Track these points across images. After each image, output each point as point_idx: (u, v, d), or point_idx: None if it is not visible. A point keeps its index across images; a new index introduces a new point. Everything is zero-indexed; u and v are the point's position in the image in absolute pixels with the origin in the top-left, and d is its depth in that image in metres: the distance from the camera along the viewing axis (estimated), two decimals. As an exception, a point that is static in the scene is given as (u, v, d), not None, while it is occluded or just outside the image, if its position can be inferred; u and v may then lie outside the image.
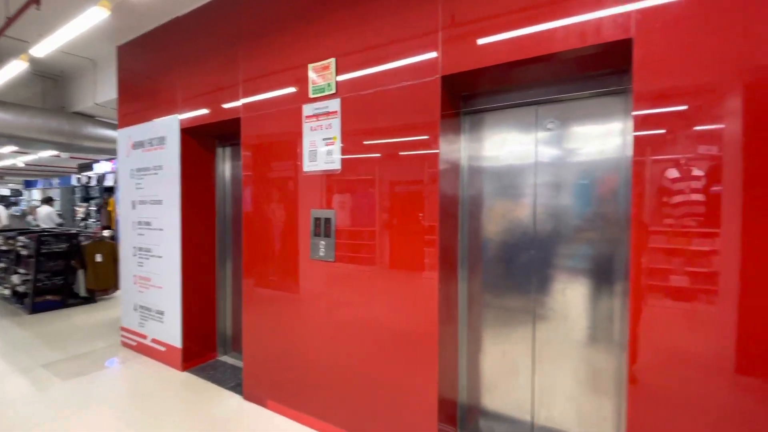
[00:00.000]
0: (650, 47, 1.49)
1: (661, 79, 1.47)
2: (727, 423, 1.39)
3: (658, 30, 1.47)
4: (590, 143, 1.98)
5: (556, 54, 1.70)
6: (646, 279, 1.50)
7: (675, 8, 1.45)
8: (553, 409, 2.07)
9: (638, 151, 1.50)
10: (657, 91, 1.48)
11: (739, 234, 1.36)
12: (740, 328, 1.37)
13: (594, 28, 1.59)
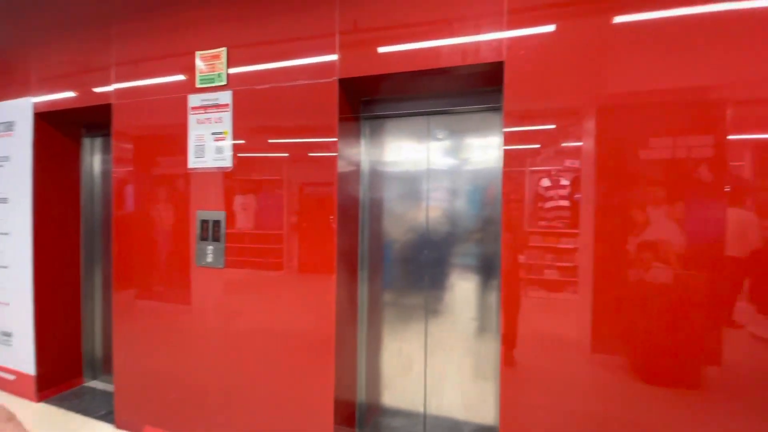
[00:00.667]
0: (518, 71, 1.69)
1: (527, 101, 1.69)
2: (586, 393, 1.64)
3: (525, 57, 1.68)
4: (474, 154, 2.18)
5: (443, 69, 1.83)
6: (515, 273, 1.71)
7: (539, 40, 1.67)
8: (442, 398, 2.23)
9: (507, 163, 1.70)
10: (523, 111, 1.69)
11: (592, 233, 1.62)
12: (594, 313, 1.63)
13: (474, 49, 1.75)
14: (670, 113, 1.56)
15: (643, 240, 1.58)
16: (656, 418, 1.56)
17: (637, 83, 1.58)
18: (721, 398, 1.50)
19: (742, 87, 1.48)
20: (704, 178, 1.54)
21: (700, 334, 1.53)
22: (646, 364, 1.59)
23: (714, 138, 1.52)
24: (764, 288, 1.45)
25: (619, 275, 1.60)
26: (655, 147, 1.59)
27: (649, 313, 1.57)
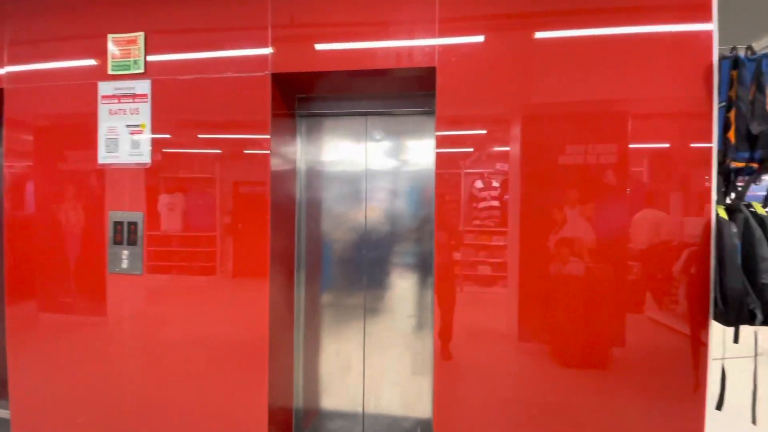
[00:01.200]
0: (450, 77, 1.75)
1: (458, 106, 1.75)
2: (515, 381, 1.76)
3: (456, 64, 1.75)
4: (412, 156, 2.22)
5: (379, 70, 1.84)
6: (449, 270, 1.77)
7: (469, 49, 1.75)
8: (381, 396, 2.25)
9: (440, 165, 1.76)
10: (454, 116, 1.76)
11: (518, 232, 1.74)
12: (521, 305, 1.75)
13: (408, 53, 1.78)
14: (582, 123, 1.72)
15: (561, 237, 1.73)
16: (574, 398, 1.72)
17: (555, 95, 1.72)
18: (625, 375, 1.70)
19: (641, 102, 1.67)
20: (610, 181, 1.73)
21: (608, 320, 1.71)
22: (565, 349, 1.75)
23: (618, 146, 1.71)
24: (659, 278, 1.66)
25: (541, 269, 1.73)
26: (571, 153, 1.75)
27: (566, 303, 1.72)
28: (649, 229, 1.68)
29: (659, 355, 1.67)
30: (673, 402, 1.65)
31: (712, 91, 1.58)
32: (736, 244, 1.49)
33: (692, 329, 1.62)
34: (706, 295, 1.60)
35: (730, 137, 1.55)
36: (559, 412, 1.73)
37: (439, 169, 1.76)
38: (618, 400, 1.70)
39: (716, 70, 1.58)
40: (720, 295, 1.51)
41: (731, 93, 1.55)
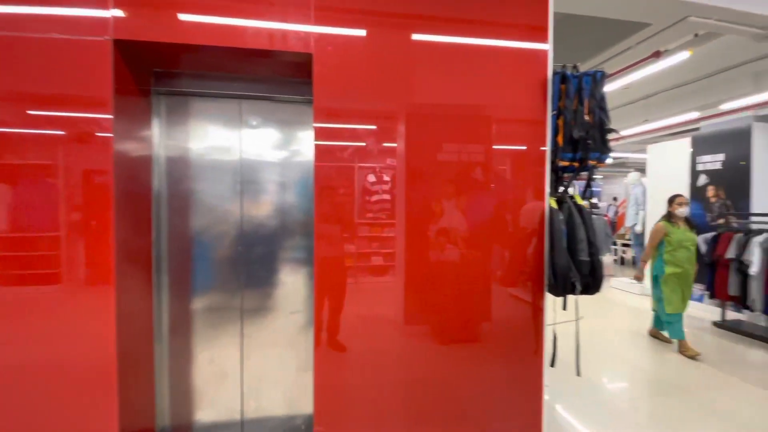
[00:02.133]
0: (328, 67, 1.71)
1: (338, 98, 1.72)
2: (401, 363, 1.84)
3: (334, 53, 1.71)
4: (293, 146, 2.12)
5: (250, 50, 1.69)
6: (328, 262, 1.75)
7: (350, 41, 1.72)
8: (262, 399, 2.13)
9: (318, 157, 1.71)
10: (334, 108, 1.72)
11: (404, 223, 1.82)
12: (406, 291, 1.84)
13: (281, 36, 1.67)
14: (457, 124, 1.88)
15: (440, 227, 1.87)
16: (451, 371, 1.90)
17: (434, 96, 1.84)
18: (492, 346, 1.93)
19: (497, 108, 1.89)
20: (479, 177, 1.93)
21: (479, 298, 1.92)
22: (443, 328, 1.90)
23: (485, 146, 1.91)
24: (513, 259, 1.92)
25: (423, 257, 1.86)
26: (448, 151, 1.90)
27: (444, 286, 1.88)
28: (508, 219, 1.93)
29: (513, 326, 1.95)
30: (521, 364, 1.94)
31: (547, 101, 1.88)
32: (563, 229, 1.82)
33: (533, 301, 1.93)
34: (542, 272, 1.91)
35: (559, 141, 1.87)
36: (439, 385, 1.88)
37: (318, 161, 1.71)
38: (484, 368, 1.92)
39: (550, 83, 1.88)
40: (551, 272, 1.83)
41: (560, 103, 1.86)
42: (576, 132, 1.82)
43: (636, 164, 9.82)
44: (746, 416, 2.53)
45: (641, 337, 4.16)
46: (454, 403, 1.90)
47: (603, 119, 1.84)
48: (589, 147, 1.83)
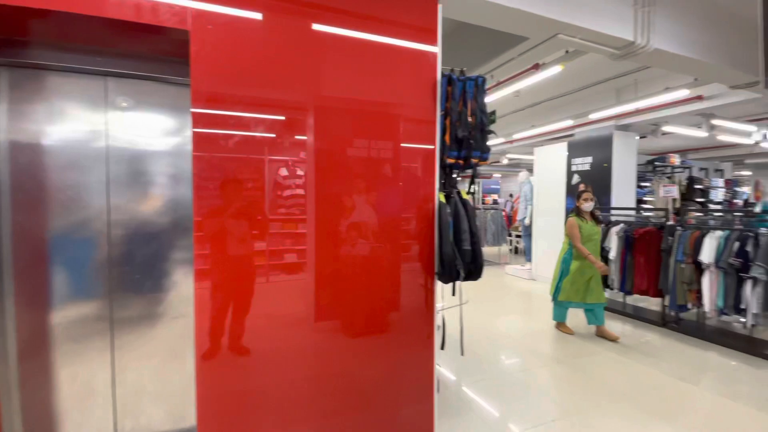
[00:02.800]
0: (209, 48, 1.57)
1: (220, 82, 1.59)
2: (310, 356, 1.81)
3: (213, 33, 1.57)
4: (177, 133, 1.92)
5: (114, 21, 1.47)
6: (210, 262, 1.62)
7: (239, 22, 1.59)
8: (140, 416, 1.91)
9: (197, 147, 1.57)
10: (215, 93, 1.59)
11: (315, 219, 1.77)
12: (317, 287, 1.81)
13: (150, 8, 1.49)
14: (366, 120, 1.89)
15: (351, 222, 1.87)
16: (357, 363, 1.92)
17: (342, 90, 1.83)
18: (394, 334, 2.00)
19: (397, 106, 1.95)
20: (387, 173, 1.97)
21: (382, 290, 1.97)
22: (354, 322, 1.91)
23: (393, 143, 1.95)
24: (415, 251, 2.00)
25: (334, 252, 1.84)
26: (358, 146, 1.90)
27: (355, 280, 1.89)
28: (414, 212, 2.00)
29: (410, 314, 2.04)
30: (416, 348, 2.05)
31: (436, 102, 1.99)
32: (450, 221, 1.95)
33: (426, 289, 2.04)
34: (433, 261, 2.04)
35: (447, 140, 2.00)
36: (346, 377, 1.90)
37: (196, 151, 1.57)
38: (386, 356, 1.98)
39: (439, 85, 1.99)
40: (439, 260, 1.95)
41: (447, 105, 1.99)
42: (460, 132, 1.96)
43: (528, 164, 11.10)
44: (608, 377, 3.03)
45: (531, 317, 4.72)
46: (359, 394, 1.93)
47: (484, 121, 2.01)
48: (472, 146, 1.99)
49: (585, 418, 2.42)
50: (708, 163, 9.67)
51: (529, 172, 7.25)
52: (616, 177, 5.57)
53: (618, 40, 2.79)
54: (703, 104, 4.76)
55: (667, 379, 2.97)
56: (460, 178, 2.18)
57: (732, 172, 10.46)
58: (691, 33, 3.09)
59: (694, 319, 4.16)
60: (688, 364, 3.24)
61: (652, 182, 6.74)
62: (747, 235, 3.41)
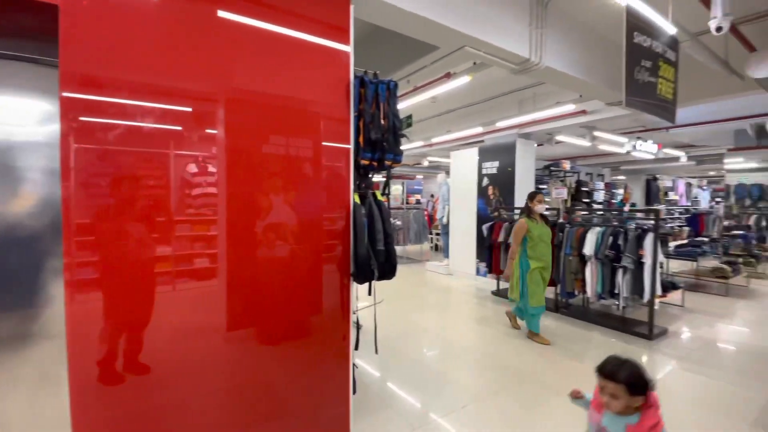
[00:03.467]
0: (85, 25, 1.36)
1: (105, 67, 1.39)
2: (221, 368, 1.69)
3: (91, 10, 1.37)
4: (51, 122, 1.63)
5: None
6: (78, 272, 1.41)
7: None
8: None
9: (70, 137, 1.35)
10: (95, 78, 1.39)
11: (227, 220, 1.64)
12: (229, 296, 1.68)
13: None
14: (281, 116, 1.81)
15: (267, 223, 1.78)
16: (274, 371, 1.84)
17: (256, 84, 1.73)
18: (311, 339, 1.94)
19: (314, 104, 1.90)
20: (304, 172, 1.89)
21: (303, 293, 1.91)
22: (269, 328, 1.82)
23: (309, 142, 1.89)
24: (331, 252, 1.97)
25: (249, 255, 1.73)
26: (274, 143, 1.80)
27: (271, 284, 1.80)
28: (337, 212, 1.96)
29: (327, 317, 2.00)
30: (332, 351, 2.02)
31: (350, 102, 1.99)
32: (365, 222, 1.97)
33: (341, 291, 2.03)
34: (349, 262, 2.03)
35: (361, 141, 2.01)
36: (263, 386, 1.81)
37: (67, 141, 1.35)
38: (303, 361, 1.93)
39: (352, 85, 2.00)
40: (354, 261, 1.96)
41: (360, 106, 2.01)
42: (374, 134, 1.99)
43: (446, 167, 11.79)
44: (514, 361, 3.32)
45: (448, 310, 5.00)
46: (274, 402, 1.85)
47: (396, 124, 2.07)
48: (385, 149, 2.03)
49: (493, 401, 2.63)
50: (592, 168, 11.26)
51: (447, 174, 7.70)
52: (519, 179, 6.18)
53: (516, 56, 3.10)
54: (586, 118, 5.51)
55: (560, 358, 3.38)
56: (376, 179, 2.22)
57: (610, 176, 12.36)
58: (576, 55, 3.56)
59: (581, 304, 4.80)
60: (576, 344, 3.72)
61: (548, 184, 7.63)
62: (618, 230, 4.03)
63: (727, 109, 5.46)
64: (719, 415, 2.48)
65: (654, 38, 2.90)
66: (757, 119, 5.94)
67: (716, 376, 3.01)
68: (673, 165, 11.27)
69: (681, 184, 13.28)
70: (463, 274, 6.89)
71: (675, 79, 3.23)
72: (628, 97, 2.77)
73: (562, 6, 3.34)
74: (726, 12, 2.28)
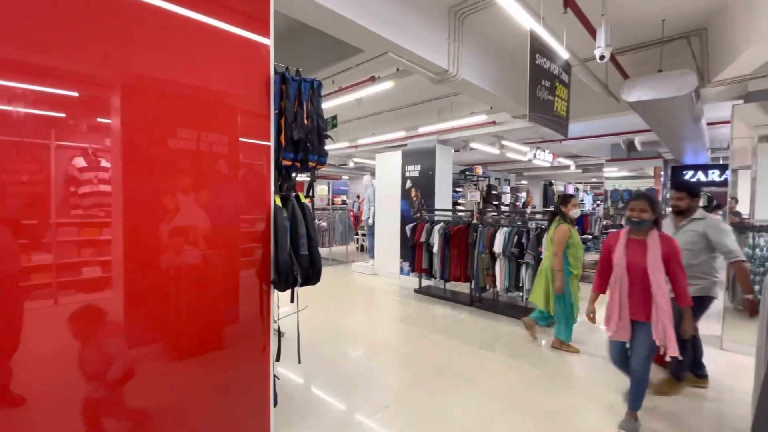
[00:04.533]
0: None
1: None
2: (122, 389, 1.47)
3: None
4: None
5: None
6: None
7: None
8: None
9: None
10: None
11: (123, 223, 1.45)
12: (128, 310, 1.49)
13: None
14: (193, 109, 1.64)
15: (176, 226, 1.60)
16: (188, 388, 1.68)
17: (164, 71, 1.56)
18: (227, 351, 1.81)
19: (239, 100, 1.78)
20: (218, 170, 1.72)
21: (218, 303, 1.75)
22: (182, 343, 1.65)
23: (225, 137, 1.74)
24: (248, 258, 1.82)
25: (153, 263, 1.55)
26: (184, 137, 1.62)
27: (182, 294, 1.63)
28: (254, 213, 1.82)
29: (246, 327, 1.87)
30: (251, 363, 1.90)
31: (270, 98, 1.89)
32: (287, 226, 1.88)
33: (260, 299, 1.92)
34: (269, 268, 1.93)
35: (282, 140, 1.92)
36: (174, 405, 1.65)
37: None
38: (220, 375, 1.77)
39: (273, 81, 1.90)
40: (275, 268, 1.86)
41: (282, 103, 1.92)
42: (296, 133, 1.91)
43: (372, 168, 11.97)
44: (432, 357, 3.47)
45: (373, 310, 5.05)
46: (186, 424, 1.67)
47: (321, 125, 2.02)
48: (309, 149, 1.97)
49: (414, 398, 2.72)
50: (500, 174, 12.38)
51: (372, 176, 7.80)
52: (438, 183, 6.53)
53: (436, 66, 3.25)
54: (496, 128, 6.04)
55: (474, 349, 3.63)
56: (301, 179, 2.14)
57: (515, 181, 13.74)
58: (489, 70, 3.87)
59: (491, 298, 5.23)
60: (487, 335, 4.05)
61: (464, 188, 8.20)
62: (522, 230, 4.49)
63: (605, 126, 6.44)
64: (596, 384, 2.90)
65: (552, 61, 3.29)
66: (628, 135, 7.12)
67: (597, 353, 3.53)
68: (564, 172, 12.99)
69: (571, 189, 15.31)
70: (388, 274, 7.04)
71: (568, 99, 3.70)
72: (531, 113, 3.10)
73: (477, 24, 3.60)
74: (608, 43, 2.68)
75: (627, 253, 2.20)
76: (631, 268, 2.17)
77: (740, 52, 3.00)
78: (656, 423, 2.41)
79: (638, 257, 2.15)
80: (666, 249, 2.11)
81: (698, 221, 2.65)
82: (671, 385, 2.81)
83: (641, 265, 2.12)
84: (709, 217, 2.66)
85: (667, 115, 4.08)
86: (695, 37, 3.73)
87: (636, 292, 2.16)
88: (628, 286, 2.18)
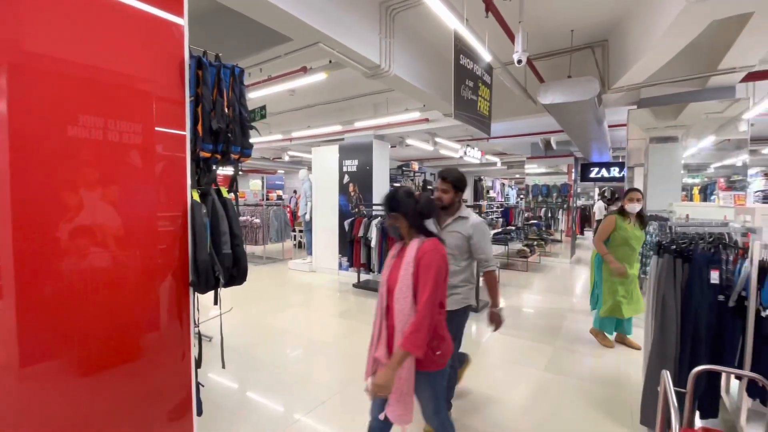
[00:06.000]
0: None
1: None
2: (13, 417, 1.30)
3: None
4: None
5: None
6: None
7: None
8: None
9: None
10: None
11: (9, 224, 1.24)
12: (22, 323, 1.30)
13: None
14: (95, 93, 1.44)
15: (79, 225, 1.42)
16: (95, 406, 1.51)
17: (61, 49, 1.35)
18: (145, 359, 1.65)
19: (149, 84, 1.60)
20: (133, 163, 1.54)
21: (135, 308, 1.60)
22: (87, 356, 1.47)
23: (133, 126, 1.56)
24: (174, 259, 1.65)
25: (50, 268, 1.36)
26: (85, 125, 1.43)
27: (87, 301, 1.45)
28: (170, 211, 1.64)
29: (162, 334, 1.70)
30: (169, 373, 1.74)
31: (184, 84, 1.73)
32: (206, 223, 1.75)
33: (179, 303, 1.76)
34: (187, 269, 1.78)
35: (199, 130, 1.78)
36: (79, 428, 1.45)
37: None
38: (134, 389, 1.62)
39: (187, 66, 1.74)
40: (194, 268, 1.73)
41: (198, 90, 1.77)
42: (215, 123, 1.78)
43: (308, 162, 11.69)
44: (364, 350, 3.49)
45: (310, 308, 4.95)
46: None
47: (243, 114, 1.91)
48: (231, 140, 1.85)
49: (348, 393, 2.72)
50: (435, 169, 12.87)
51: (309, 170, 7.61)
52: (376, 178, 6.58)
53: (368, 60, 3.25)
54: (429, 125, 6.24)
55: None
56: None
57: (449, 176, 14.37)
58: (419, 67, 3.97)
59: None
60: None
61: (401, 183, 8.37)
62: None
63: (526, 126, 6.98)
64: (522, 365, 3.16)
65: (475, 62, 3.47)
66: (545, 135, 7.80)
67: (521, 335, 3.84)
68: (492, 168, 13.89)
69: (497, 184, 16.43)
70: (327, 270, 6.95)
71: (490, 99, 3.94)
72: (456, 111, 3.24)
73: (408, 22, 3.66)
74: (524, 48, 2.89)
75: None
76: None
77: (633, 63, 3.42)
78: None
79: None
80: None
81: (463, 221, 2.20)
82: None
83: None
84: (474, 216, 2.25)
85: (575, 117, 4.55)
86: (598, 48, 4.19)
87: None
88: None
